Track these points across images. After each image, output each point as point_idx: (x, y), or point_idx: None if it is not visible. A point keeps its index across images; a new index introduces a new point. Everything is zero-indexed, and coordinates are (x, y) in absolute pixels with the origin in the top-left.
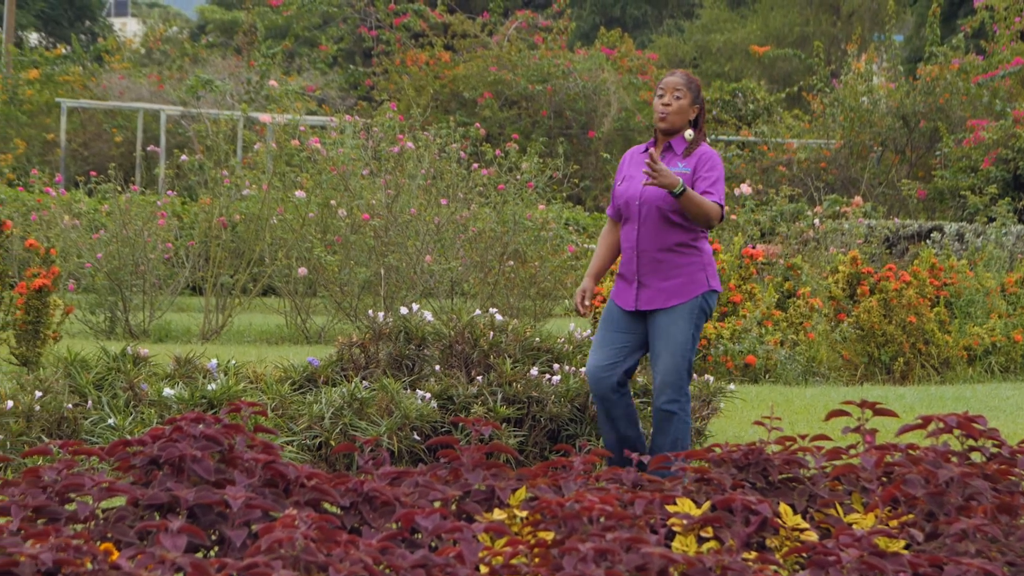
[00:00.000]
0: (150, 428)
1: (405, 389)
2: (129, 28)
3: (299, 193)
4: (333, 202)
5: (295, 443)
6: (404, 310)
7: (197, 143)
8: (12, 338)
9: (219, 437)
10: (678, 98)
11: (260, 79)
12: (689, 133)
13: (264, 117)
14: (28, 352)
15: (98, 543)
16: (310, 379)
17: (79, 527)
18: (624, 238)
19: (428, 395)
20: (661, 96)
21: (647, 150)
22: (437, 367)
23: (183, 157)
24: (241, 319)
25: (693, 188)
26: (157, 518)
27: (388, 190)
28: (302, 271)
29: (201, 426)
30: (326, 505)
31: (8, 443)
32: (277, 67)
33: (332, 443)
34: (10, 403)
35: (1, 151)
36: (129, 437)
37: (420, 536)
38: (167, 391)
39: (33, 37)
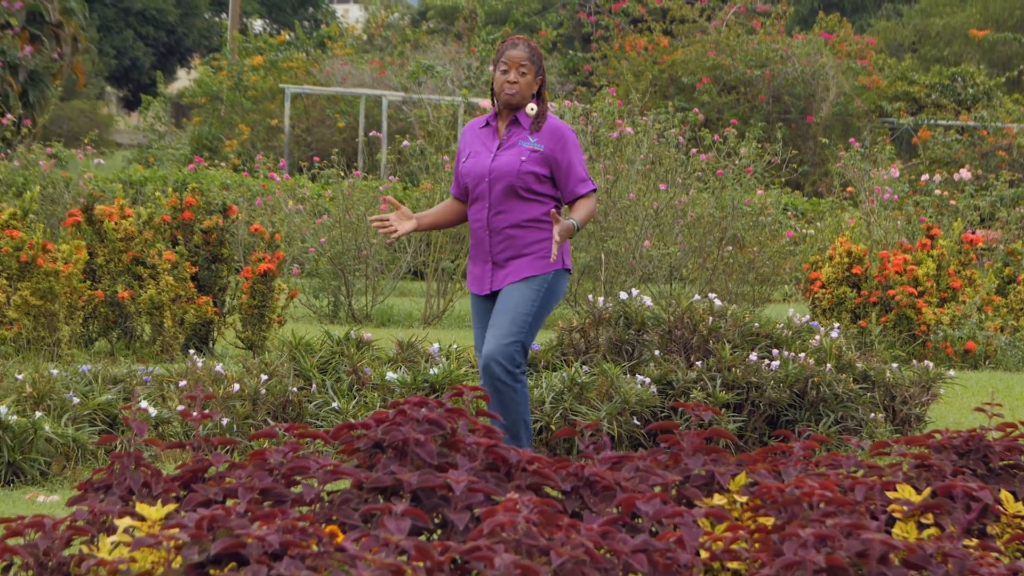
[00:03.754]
0: (373, 412)
1: (625, 374)
2: (351, 14)
3: None
4: None
5: None
6: (624, 295)
7: (418, 128)
8: (238, 322)
9: (442, 421)
10: (523, 73)
11: (480, 65)
12: (531, 107)
13: (484, 102)
14: (254, 336)
15: (323, 525)
16: (531, 363)
17: (304, 509)
18: (474, 218)
19: (648, 380)
20: (505, 72)
21: (487, 125)
22: (656, 352)
23: (404, 143)
24: (462, 304)
25: (554, 169)
26: (381, 501)
27: (607, 175)
28: None
29: (424, 410)
30: (547, 489)
31: (235, 426)
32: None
33: (553, 427)
34: (236, 386)
35: (227, 137)
36: (353, 420)
37: (640, 521)
38: (390, 375)
39: (257, 24)
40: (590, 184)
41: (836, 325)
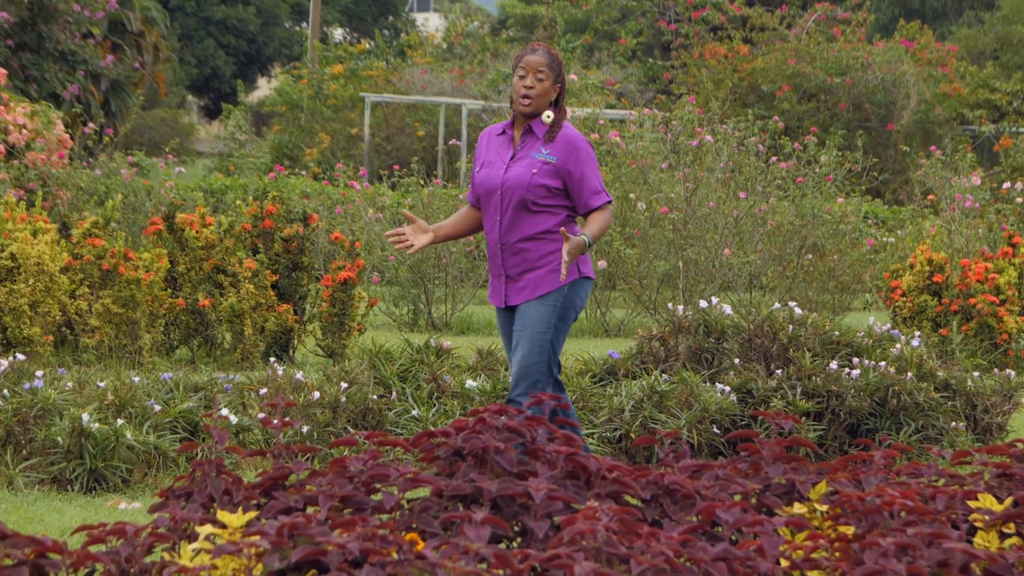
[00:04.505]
0: (453, 420)
1: (704, 382)
2: (431, 23)
3: None
4: (632, 195)
5: (595, 435)
6: (703, 303)
7: None
8: (318, 330)
9: (521, 429)
10: (541, 79)
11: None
12: (548, 115)
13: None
14: (334, 344)
15: (403, 533)
16: (610, 372)
17: (385, 517)
18: (488, 230)
19: (727, 388)
20: (523, 77)
21: (503, 133)
22: (736, 360)
23: None
24: None
25: (567, 182)
26: (461, 509)
27: (687, 183)
28: (601, 264)
29: (504, 418)
30: (627, 498)
31: (315, 433)
32: (576, 61)
33: (632, 435)
34: (317, 394)
35: (307, 145)
36: (433, 428)
37: (720, 529)
38: (469, 383)
39: (338, 33)
40: (604, 196)
41: (917, 334)
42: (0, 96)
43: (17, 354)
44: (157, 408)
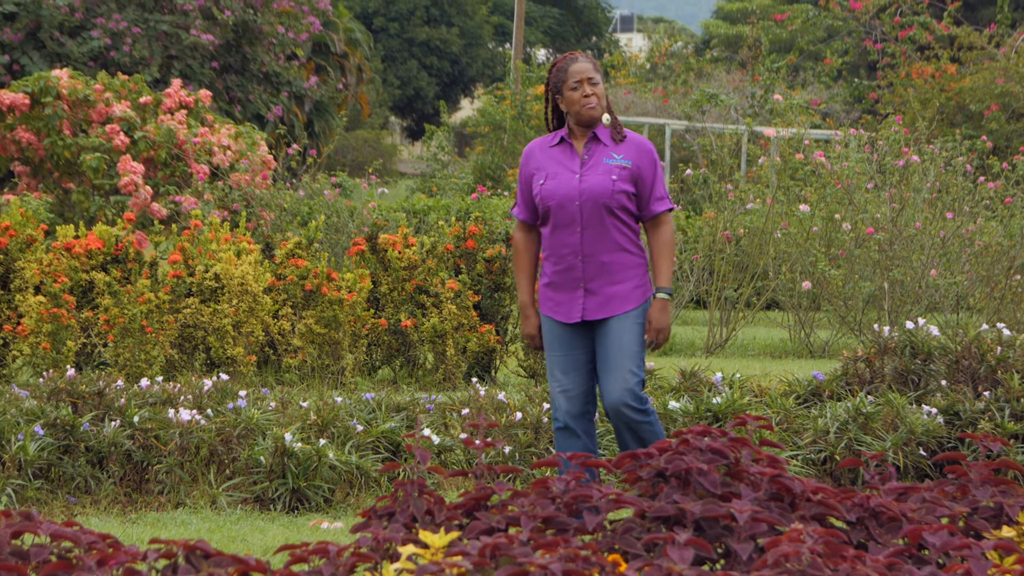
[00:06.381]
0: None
1: (910, 404)
2: (635, 43)
3: (803, 207)
4: (837, 216)
5: (799, 457)
6: (909, 324)
7: (701, 157)
8: (520, 350)
9: (725, 451)
10: (595, 83)
11: (764, 93)
12: (606, 117)
13: (768, 131)
14: (536, 364)
15: (606, 554)
16: (814, 393)
17: (587, 538)
18: (560, 243)
19: (934, 410)
20: (577, 88)
21: (562, 140)
22: (943, 382)
23: (688, 171)
24: (745, 333)
25: (639, 186)
26: (663, 530)
27: (893, 204)
28: (806, 285)
29: (707, 439)
30: (832, 520)
31: (517, 454)
32: (781, 81)
33: (837, 458)
34: (519, 414)
35: (510, 166)
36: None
37: (927, 552)
38: (672, 404)
39: (541, 53)
40: (668, 202)
41: None
42: (205, 118)
43: (221, 374)
44: (359, 428)
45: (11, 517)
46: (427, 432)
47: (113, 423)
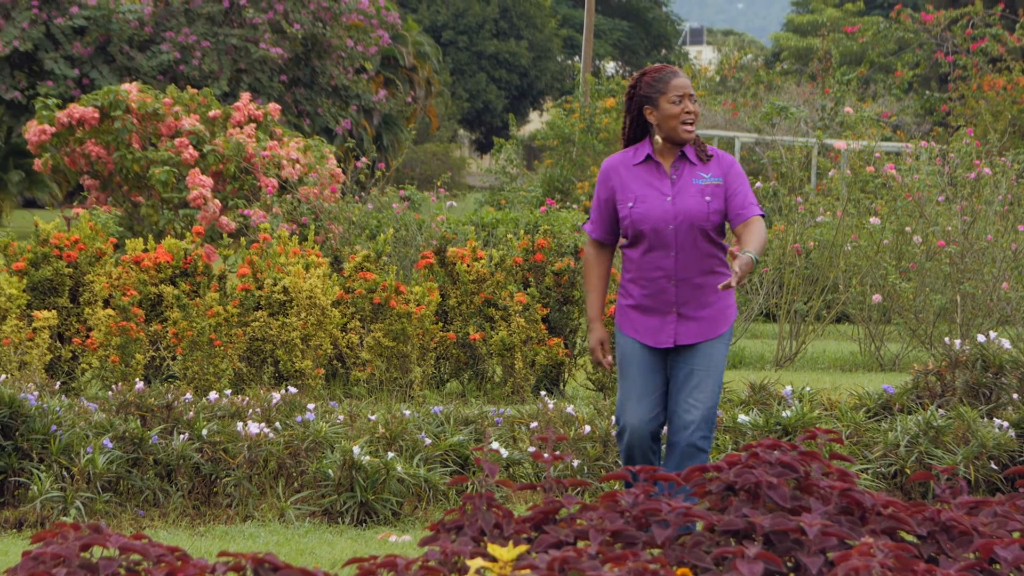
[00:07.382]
0: (726, 454)
1: (982, 418)
2: (704, 56)
3: (873, 220)
4: (908, 228)
5: (870, 471)
6: (981, 338)
7: (771, 170)
8: (589, 364)
9: (795, 464)
10: (695, 101)
11: (835, 106)
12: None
13: (839, 144)
14: (604, 378)
15: (675, 568)
16: (885, 407)
17: (656, 551)
18: (652, 267)
19: (1006, 424)
20: (679, 102)
21: (647, 159)
22: (1015, 395)
23: (758, 184)
24: (815, 346)
25: (728, 200)
26: (732, 544)
27: (964, 216)
28: (876, 298)
29: (777, 453)
30: (902, 534)
31: (585, 467)
32: (852, 93)
33: (907, 471)
34: (587, 428)
35: (578, 179)
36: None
37: (999, 567)
38: (742, 417)
39: (610, 66)
40: (758, 208)
41: None
42: (274, 131)
43: (289, 387)
44: (428, 441)
45: (80, 530)
46: (495, 445)
47: (181, 436)
